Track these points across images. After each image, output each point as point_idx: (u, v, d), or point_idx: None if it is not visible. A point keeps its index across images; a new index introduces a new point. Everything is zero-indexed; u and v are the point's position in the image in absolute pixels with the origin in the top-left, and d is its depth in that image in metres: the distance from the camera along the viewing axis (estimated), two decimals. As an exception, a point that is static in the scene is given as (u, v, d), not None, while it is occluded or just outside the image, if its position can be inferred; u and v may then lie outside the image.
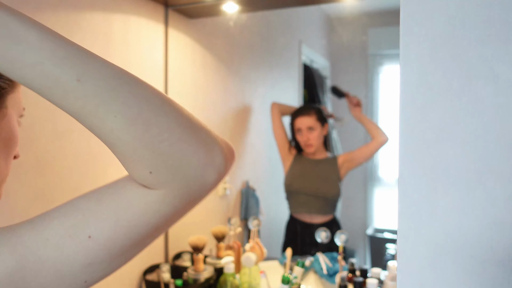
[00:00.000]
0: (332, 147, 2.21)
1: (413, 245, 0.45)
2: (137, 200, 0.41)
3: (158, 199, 0.41)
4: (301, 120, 1.91)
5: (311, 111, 1.92)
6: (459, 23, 0.43)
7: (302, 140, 1.91)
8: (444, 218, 0.44)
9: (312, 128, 1.90)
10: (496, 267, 0.42)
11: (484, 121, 0.42)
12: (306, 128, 1.90)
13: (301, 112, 1.94)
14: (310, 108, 1.94)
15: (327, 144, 2.00)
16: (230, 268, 1.44)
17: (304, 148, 1.93)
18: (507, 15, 0.41)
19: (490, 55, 0.42)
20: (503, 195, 0.42)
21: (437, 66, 0.44)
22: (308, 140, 1.90)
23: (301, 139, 1.92)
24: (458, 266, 0.43)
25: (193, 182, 0.41)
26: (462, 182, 0.43)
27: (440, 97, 0.44)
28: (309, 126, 1.90)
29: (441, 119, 0.44)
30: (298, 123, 1.92)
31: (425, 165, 0.44)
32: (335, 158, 1.92)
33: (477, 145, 0.43)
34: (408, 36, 0.45)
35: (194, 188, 0.42)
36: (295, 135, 1.95)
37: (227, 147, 0.45)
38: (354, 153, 1.89)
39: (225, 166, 0.44)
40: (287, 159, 1.99)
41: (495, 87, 0.42)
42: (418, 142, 0.44)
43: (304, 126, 1.90)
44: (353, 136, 2.23)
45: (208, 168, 0.42)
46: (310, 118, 1.91)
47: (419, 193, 0.45)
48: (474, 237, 0.43)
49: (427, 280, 0.44)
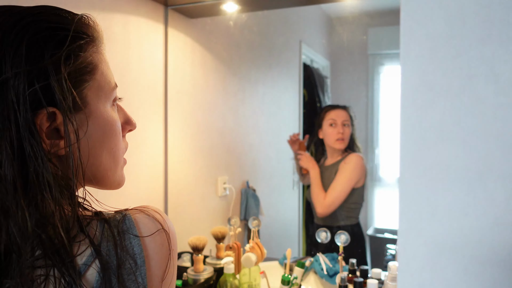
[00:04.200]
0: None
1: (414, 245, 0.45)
2: None
3: None
4: (337, 113, 1.85)
5: (346, 107, 1.87)
6: (459, 23, 0.43)
7: (335, 134, 1.83)
8: (445, 218, 0.44)
9: (347, 125, 1.84)
10: (496, 267, 0.42)
11: (484, 121, 0.42)
12: (342, 121, 1.83)
13: (336, 106, 1.89)
14: (344, 106, 1.89)
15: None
16: (230, 268, 1.44)
17: (333, 144, 1.85)
18: (507, 15, 0.41)
19: (490, 54, 0.42)
20: (504, 195, 0.42)
21: (437, 66, 0.44)
22: (342, 134, 1.82)
23: (333, 133, 1.84)
24: (459, 266, 0.43)
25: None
26: (463, 182, 0.43)
27: (440, 97, 0.44)
28: (344, 120, 1.84)
29: (442, 119, 0.44)
30: (333, 115, 1.85)
31: (426, 165, 0.44)
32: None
33: (477, 145, 0.42)
34: (408, 36, 0.44)
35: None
36: (323, 129, 1.88)
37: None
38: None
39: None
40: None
41: (496, 87, 0.42)
42: (418, 142, 0.44)
43: (340, 119, 1.83)
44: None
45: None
46: (346, 113, 1.85)
47: (420, 193, 0.44)
48: (474, 237, 0.43)
49: (427, 280, 0.44)
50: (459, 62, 0.43)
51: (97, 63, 0.58)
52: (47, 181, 0.49)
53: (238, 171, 2.03)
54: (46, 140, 0.52)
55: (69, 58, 0.53)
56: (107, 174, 0.61)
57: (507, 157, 0.42)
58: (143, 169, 1.55)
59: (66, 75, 0.52)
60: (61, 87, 0.51)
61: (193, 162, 1.80)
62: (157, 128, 1.63)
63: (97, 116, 0.58)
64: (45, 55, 0.51)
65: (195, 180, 1.81)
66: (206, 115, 1.85)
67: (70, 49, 0.53)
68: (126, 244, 0.53)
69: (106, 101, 0.59)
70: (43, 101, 0.50)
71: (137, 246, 0.54)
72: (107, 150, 0.59)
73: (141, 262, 0.53)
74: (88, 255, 0.51)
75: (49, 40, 0.52)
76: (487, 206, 0.42)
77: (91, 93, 0.57)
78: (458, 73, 0.43)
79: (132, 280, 0.53)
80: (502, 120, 0.42)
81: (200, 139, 1.83)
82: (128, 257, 0.53)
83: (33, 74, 0.50)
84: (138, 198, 1.52)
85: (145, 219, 0.56)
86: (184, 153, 1.75)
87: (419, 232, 0.45)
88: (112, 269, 0.51)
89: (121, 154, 0.63)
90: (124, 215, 0.55)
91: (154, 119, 1.61)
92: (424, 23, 0.44)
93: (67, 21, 0.56)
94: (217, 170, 1.92)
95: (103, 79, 0.59)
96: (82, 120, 0.56)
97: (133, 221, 0.55)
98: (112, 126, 0.60)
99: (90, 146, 0.57)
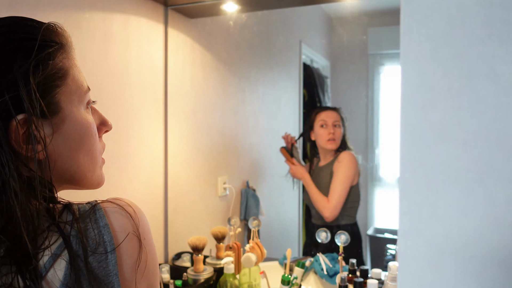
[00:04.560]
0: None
1: (414, 246, 0.45)
2: None
3: None
4: (327, 114, 1.87)
5: (336, 109, 1.89)
6: (459, 23, 0.43)
7: (326, 134, 1.86)
8: (445, 218, 0.44)
9: (337, 125, 1.86)
10: (497, 268, 0.42)
11: (485, 121, 0.42)
12: (332, 122, 1.85)
13: (326, 108, 1.92)
14: (334, 107, 1.92)
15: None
16: (230, 268, 1.44)
17: (324, 144, 1.87)
18: (508, 15, 0.41)
19: (490, 54, 0.42)
20: (504, 195, 0.42)
21: (437, 66, 0.44)
22: (333, 135, 1.85)
23: (324, 133, 1.86)
24: (459, 266, 0.43)
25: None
26: (463, 182, 0.43)
27: (440, 97, 0.44)
28: (335, 121, 1.86)
29: (442, 119, 0.43)
30: (324, 116, 1.87)
31: (426, 165, 0.44)
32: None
33: (478, 145, 0.42)
34: (408, 36, 0.44)
35: None
36: (315, 131, 1.90)
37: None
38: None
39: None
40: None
41: (496, 87, 0.42)
42: (418, 142, 0.44)
43: (331, 120, 1.86)
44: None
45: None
46: (337, 114, 1.87)
47: (420, 193, 0.44)
48: (475, 237, 0.43)
49: (427, 281, 0.44)
50: (459, 62, 0.43)
51: (68, 68, 0.60)
52: (13, 189, 0.52)
53: (238, 171, 2.03)
54: (22, 145, 0.55)
55: (38, 67, 0.55)
56: (86, 175, 0.63)
57: (507, 157, 0.42)
58: (143, 169, 1.55)
59: (35, 84, 0.54)
60: (30, 95, 0.54)
61: (193, 162, 1.80)
62: (157, 128, 1.63)
63: (72, 120, 0.60)
64: (13, 66, 0.54)
65: (195, 180, 1.81)
66: (206, 115, 1.85)
67: (38, 58, 0.56)
68: (96, 232, 0.56)
69: (79, 104, 0.62)
70: (12, 111, 0.53)
71: (107, 234, 0.56)
72: (84, 151, 0.62)
73: (111, 249, 0.56)
74: (58, 246, 0.54)
75: (17, 51, 0.55)
76: (487, 206, 0.42)
77: (64, 98, 0.59)
78: (458, 73, 0.43)
79: (103, 267, 0.55)
80: (502, 120, 0.42)
81: (200, 139, 1.83)
82: (98, 245, 0.55)
83: (3, 86, 0.53)
84: (138, 198, 1.52)
85: (115, 208, 0.59)
86: (184, 153, 1.74)
87: (419, 232, 0.44)
88: (80, 257, 0.54)
89: (98, 154, 0.66)
90: (94, 205, 0.58)
91: (154, 119, 1.61)
92: (424, 23, 0.44)
93: (35, 31, 0.58)
94: (217, 170, 1.92)
95: (74, 83, 0.61)
96: (57, 124, 0.58)
97: (103, 210, 0.58)
98: (87, 129, 0.62)
99: (67, 149, 0.59)
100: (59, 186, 0.62)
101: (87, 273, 0.53)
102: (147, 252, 0.60)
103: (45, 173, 0.56)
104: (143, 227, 0.60)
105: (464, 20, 0.43)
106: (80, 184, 0.64)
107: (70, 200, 0.59)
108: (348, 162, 1.83)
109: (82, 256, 0.54)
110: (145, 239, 0.60)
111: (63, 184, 0.63)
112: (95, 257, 0.55)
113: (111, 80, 1.36)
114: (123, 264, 0.57)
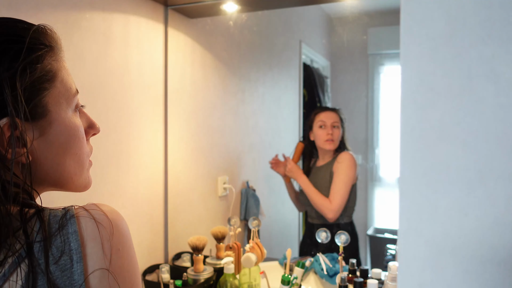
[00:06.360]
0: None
1: (414, 246, 0.45)
2: None
3: None
4: (326, 115, 1.89)
5: (336, 110, 1.91)
6: (459, 23, 0.43)
7: (324, 135, 1.88)
8: (445, 218, 0.44)
9: (336, 126, 1.88)
10: (497, 268, 0.42)
11: (484, 121, 0.42)
12: (331, 123, 1.87)
13: (326, 108, 1.94)
14: (333, 108, 1.94)
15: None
16: (230, 268, 1.44)
17: (323, 145, 1.89)
18: (508, 15, 0.41)
19: (490, 55, 0.42)
20: (504, 195, 0.42)
21: (437, 66, 0.44)
22: (331, 135, 1.87)
23: (322, 134, 1.88)
24: (459, 266, 0.43)
25: None
26: (463, 182, 0.43)
27: (440, 97, 0.44)
28: (334, 122, 1.88)
29: (442, 119, 0.43)
30: (322, 116, 1.89)
31: (426, 165, 0.44)
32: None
33: (477, 145, 0.42)
34: (408, 36, 0.44)
35: None
36: (313, 131, 1.93)
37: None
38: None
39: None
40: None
41: (496, 87, 0.42)
42: (418, 142, 0.44)
43: (330, 121, 1.88)
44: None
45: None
46: (336, 115, 1.89)
47: (420, 193, 0.44)
48: (475, 238, 0.43)
49: (427, 281, 0.44)
50: (459, 62, 0.43)
51: (56, 71, 0.59)
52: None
53: (238, 171, 2.03)
54: (7, 148, 0.53)
55: (25, 70, 0.55)
56: (72, 178, 0.62)
57: (507, 157, 0.42)
58: (143, 169, 1.55)
59: (21, 88, 0.53)
60: (16, 99, 0.53)
61: (193, 162, 1.80)
62: (157, 128, 1.63)
63: (59, 123, 0.59)
64: (0, 68, 0.53)
65: (195, 180, 1.81)
66: (206, 115, 1.85)
67: (26, 61, 0.55)
68: (63, 239, 0.53)
69: (67, 107, 0.61)
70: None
71: (74, 242, 0.53)
72: (71, 155, 0.61)
73: (77, 258, 0.53)
74: (22, 252, 0.52)
75: (5, 53, 0.54)
76: (487, 206, 0.42)
77: (52, 100, 0.58)
78: (458, 73, 0.43)
79: (67, 277, 0.52)
80: (502, 120, 0.42)
81: (200, 139, 1.83)
82: (63, 253, 0.53)
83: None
84: (138, 198, 1.52)
85: (87, 215, 0.55)
86: (184, 153, 1.75)
87: (419, 232, 0.44)
88: (41, 266, 0.51)
89: (85, 158, 0.65)
90: (66, 211, 0.56)
91: (154, 119, 1.61)
92: (424, 23, 0.44)
93: (24, 33, 0.57)
94: (217, 170, 1.92)
95: (63, 86, 0.60)
96: (44, 127, 0.57)
97: (74, 217, 0.55)
98: (75, 132, 0.61)
99: (53, 152, 0.59)
100: (43, 189, 0.61)
101: (47, 283, 0.51)
102: (124, 263, 0.56)
103: (27, 176, 0.55)
104: (119, 236, 0.56)
105: (464, 20, 0.43)
106: (66, 187, 0.63)
107: (47, 206, 0.57)
108: (349, 163, 1.83)
109: (44, 264, 0.51)
110: (119, 249, 0.56)
111: (49, 187, 0.62)
112: (58, 265, 0.52)
113: (111, 80, 1.36)
114: (91, 275, 0.53)
